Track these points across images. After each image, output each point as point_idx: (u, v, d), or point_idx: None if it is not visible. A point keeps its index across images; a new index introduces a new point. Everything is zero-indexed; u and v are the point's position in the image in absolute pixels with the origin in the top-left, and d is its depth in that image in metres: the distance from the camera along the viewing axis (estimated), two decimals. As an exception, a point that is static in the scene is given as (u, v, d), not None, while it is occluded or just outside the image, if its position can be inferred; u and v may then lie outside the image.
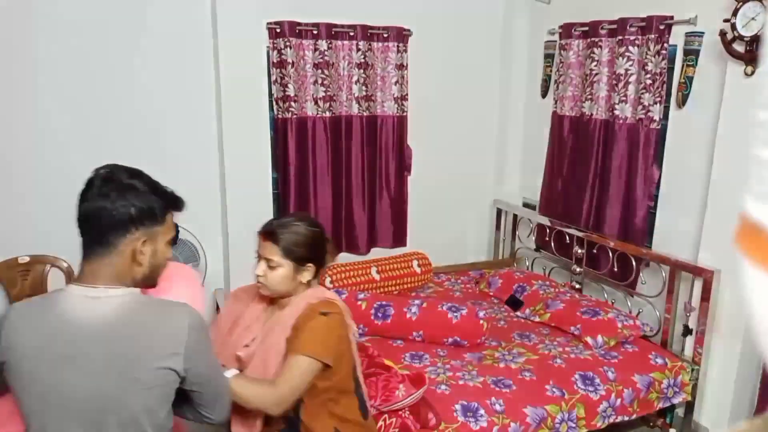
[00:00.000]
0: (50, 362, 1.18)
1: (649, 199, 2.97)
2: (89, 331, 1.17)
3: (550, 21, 3.56)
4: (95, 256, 1.22)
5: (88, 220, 1.21)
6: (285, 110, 3.31)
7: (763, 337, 0.37)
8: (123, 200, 1.22)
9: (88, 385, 1.17)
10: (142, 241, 1.24)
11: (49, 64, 2.94)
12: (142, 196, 1.26)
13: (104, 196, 1.21)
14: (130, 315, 1.20)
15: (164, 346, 1.18)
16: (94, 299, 1.19)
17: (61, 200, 3.06)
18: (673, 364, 2.67)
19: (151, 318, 1.22)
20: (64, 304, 1.20)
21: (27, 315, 1.22)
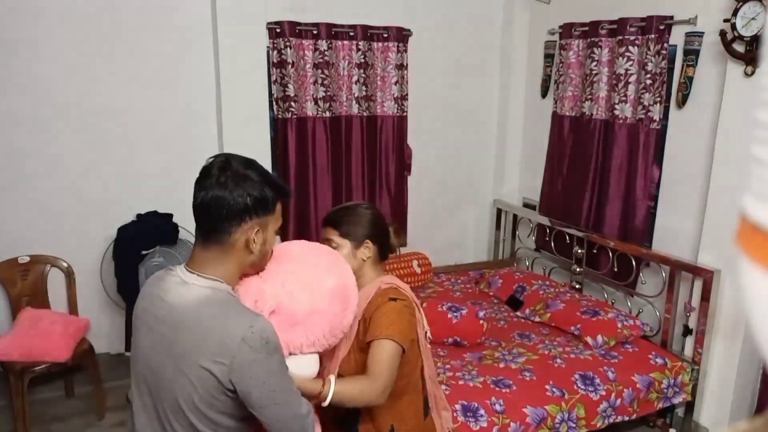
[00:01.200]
0: (142, 331, 1.27)
1: (649, 199, 2.97)
2: (169, 312, 1.22)
3: (550, 21, 3.56)
4: (209, 243, 1.24)
5: (207, 209, 1.23)
6: (285, 110, 3.31)
7: (763, 337, 0.37)
8: (240, 190, 1.22)
9: (154, 362, 1.24)
10: (255, 231, 1.25)
11: (49, 64, 2.94)
12: (257, 186, 1.24)
13: (222, 186, 1.22)
14: (201, 308, 1.20)
15: (213, 349, 1.15)
16: (183, 284, 1.23)
17: (61, 200, 3.08)
18: (673, 364, 2.67)
19: (215, 317, 1.19)
20: (167, 282, 1.26)
21: (150, 283, 1.32)
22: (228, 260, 1.25)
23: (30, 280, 3.03)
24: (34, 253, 3.04)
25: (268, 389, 1.17)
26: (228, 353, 1.14)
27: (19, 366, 2.73)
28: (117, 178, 3.16)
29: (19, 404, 2.72)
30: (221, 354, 1.14)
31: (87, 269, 3.14)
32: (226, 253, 1.24)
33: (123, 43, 3.05)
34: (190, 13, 3.14)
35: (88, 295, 3.16)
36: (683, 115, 2.81)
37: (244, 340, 1.14)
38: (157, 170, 3.24)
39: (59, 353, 2.79)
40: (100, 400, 3.03)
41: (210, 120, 3.27)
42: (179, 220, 3.16)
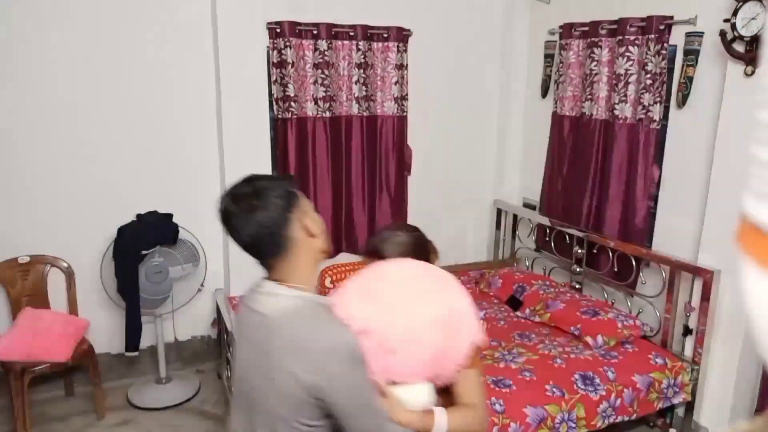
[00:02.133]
0: (241, 343, 1.34)
1: (649, 199, 2.97)
2: (262, 321, 1.25)
3: (550, 21, 3.56)
4: (276, 259, 1.27)
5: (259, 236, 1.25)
6: (285, 110, 3.31)
7: (763, 337, 0.37)
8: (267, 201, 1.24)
9: (250, 371, 1.28)
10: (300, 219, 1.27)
11: (49, 65, 2.94)
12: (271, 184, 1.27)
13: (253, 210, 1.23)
14: (292, 318, 1.22)
15: (304, 359, 1.17)
16: (269, 295, 1.27)
17: (61, 200, 3.08)
18: (673, 364, 2.67)
19: (306, 328, 1.21)
20: (254, 293, 1.32)
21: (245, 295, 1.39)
22: (300, 261, 1.28)
23: (30, 280, 3.04)
24: (34, 253, 3.04)
25: (354, 401, 1.19)
26: (317, 364, 1.16)
27: (19, 366, 2.73)
28: (117, 178, 3.16)
29: (19, 404, 2.72)
30: (311, 364, 1.16)
31: (87, 269, 3.14)
32: (296, 256, 1.27)
33: (123, 43, 3.05)
34: (190, 13, 3.14)
35: (88, 295, 3.16)
36: (683, 115, 2.81)
37: (332, 351, 1.16)
38: (157, 170, 3.24)
39: (59, 353, 2.79)
40: (100, 400, 3.04)
41: (210, 120, 3.27)
42: (179, 220, 3.15)
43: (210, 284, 3.35)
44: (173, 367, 3.43)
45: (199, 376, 3.43)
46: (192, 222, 3.22)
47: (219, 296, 3.33)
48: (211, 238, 3.33)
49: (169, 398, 3.18)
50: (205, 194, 3.35)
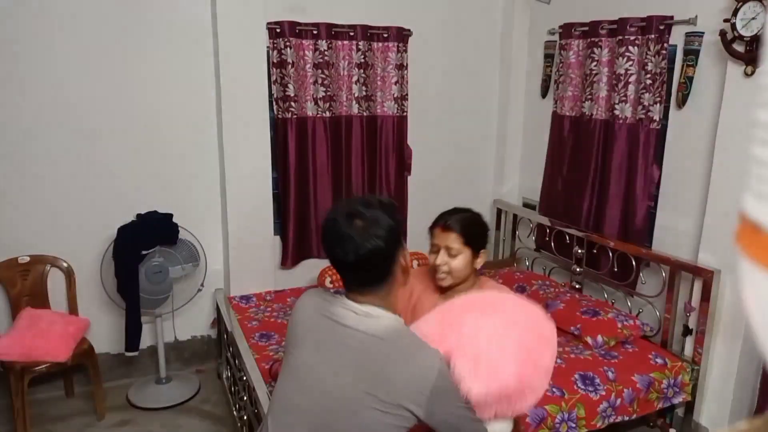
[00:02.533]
0: (312, 348, 1.33)
1: (649, 199, 2.97)
2: (355, 338, 1.28)
3: (550, 21, 3.56)
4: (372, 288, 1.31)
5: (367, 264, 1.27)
6: (285, 110, 3.31)
7: (763, 336, 0.37)
8: (383, 233, 1.26)
9: (333, 382, 1.27)
10: (403, 256, 1.34)
11: (49, 65, 2.94)
12: (388, 219, 1.29)
13: (369, 238, 1.25)
14: (394, 338, 1.27)
15: (413, 380, 1.21)
16: (367, 315, 1.29)
17: (61, 200, 3.08)
18: (673, 364, 2.67)
19: (409, 349, 1.26)
20: (341, 309, 1.32)
21: (314, 304, 1.39)
22: (392, 292, 1.34)
23: (30, 280, 3.04)
24: (34, 253, 3.04)
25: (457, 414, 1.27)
26: (425, 383, 1.21)
27: (19, 366, 2.73)
28: (117, 178, 3.16)
29: (19, 404, 2.72)
30: (421, 385, 1.21)
31: (87, 269, 3.14)
32: (390, 287, 1.33)
33: (123, 43, 3.05)
34: (190, 14, 3.14)
35: (88, 295, 3.17)
36: (683, 115, 2.81)
37: (440, 370, 1.22)
38: (157, 170, 3.24)
39: (59, 353, 2.79)
40: (100, 400, 3.04)
41: (210, 120, 3.27)
42: (179, 220, 3.16)
43: (210, 284, 3.35)
44: (173, 367, 3.43)
45: (199, 376, 3.43)
46: (192, 222, 3.22)
47: (219, 296, 3.33)
48: (211, 238, 3.34)
49: (169, 398, 3.18)
50: (205, 194, 3.35)
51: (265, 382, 2.42)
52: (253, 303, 3.29)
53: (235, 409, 2.86)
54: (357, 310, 1.30)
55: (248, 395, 2.53)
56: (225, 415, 3.08)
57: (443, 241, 1.75)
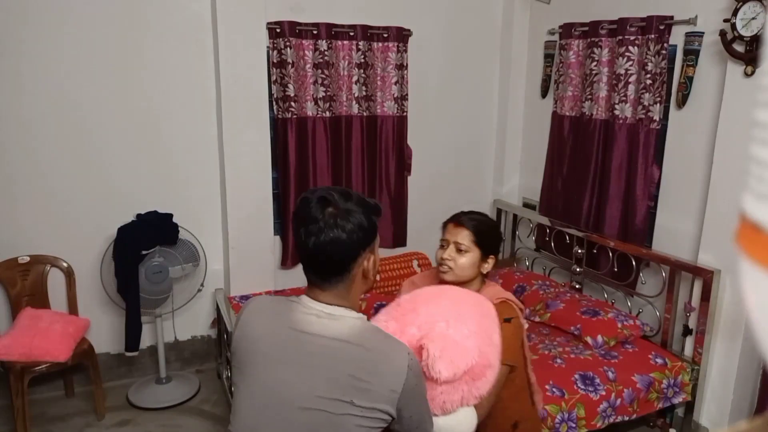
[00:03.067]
0: (276, 363, 1.24)
1: (649, 199, 2.97)
2: (321, 345, 1.21)
3: (550, 21, 3.56)
4: (328, 282, 1.25)
5: (323, 253, 1.21)
6: (285, 110, 3.31)
7: (763, 336, 0.37)
8: (350, 225, 1.21)
9: (307, 395, 1.20)
10: (370, 259, 1.28)
11: (49, 64, 2.94)
12: (363, 217, 1.23)
13: (332, 227, 1.20)
14: (362, 339, 1.22)
15: (386, 380, 1.19)
16: (330, 317, 1.23)
17: (61, 200, 3.08)
18: (673, 364, 2.67)
19: (379, 348, 1.22)
20: (301, 315, 1.25)
21: (263, 312, 1.31)
22: (350, 292, 1.28)
23: (30, 280, 3.04)
24: (34, 253, 3.04)
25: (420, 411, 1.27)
26: (398, 381, 1.18)
27: (19, 366, 2.73)
28: (117, 178, 3.16)
29: (19, 404, 2.72)
30: (393, 384, 1.18)
31: (87, 269, 3.14)
32: (347, 286, 1.27)
33: (122, 43, 3.05)
34: (190, 14, 3.14)
35: (88, 295, 3.17)
36: (683, 115, 2.81)
37: (409, 367, 1.20)
38: (157, 170, 3.24)
39: (59, 353, 2.79)
40: (100, 400, 3.04)
41: (210, 120, 3.27)
42: (179, 220, 3.15)
43: (210, 284, 3.35)
44: (173, 367, 3.43)
45: (199, 376, 3.43)
46: (192, 222, 3.22)
47: (219, 296, 3.33)
48: (211, 238, 3.34)
49: (169, 398, 3.18)
50: (205, 194, 3.35)
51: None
52: (253, 303, 3.28)
53: (235, 409, 2.86)
54: (318, 312, 1.24)
55: (248, 395, 2.52)
56: (225, 415, 3.08)
57: (454, 236, 1.76)
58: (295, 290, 3.47)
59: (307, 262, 1.26)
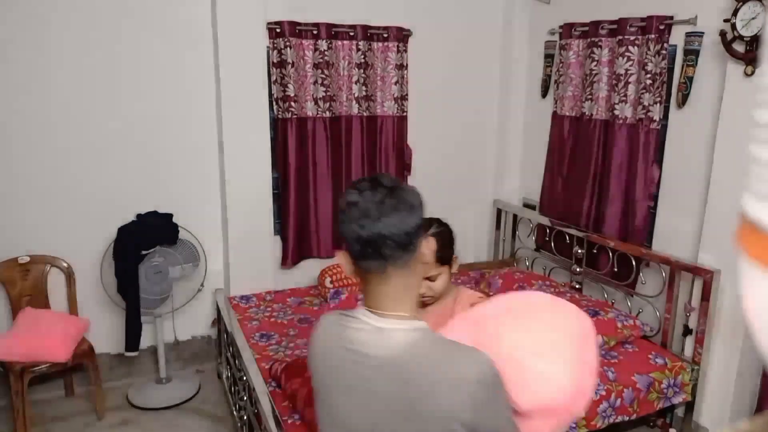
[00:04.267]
0: (337, 388, 1.16)
1: (649, 199, 2.97)
2: (375, 364, 1.10)
3: (550, 21, 3.56)
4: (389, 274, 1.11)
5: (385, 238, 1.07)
6: (285, 110, 3.31)
7: (763, 336, 0.37)
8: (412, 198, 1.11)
9: (367, 421, 1.11)
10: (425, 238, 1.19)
11: (49, 65, 2.94)
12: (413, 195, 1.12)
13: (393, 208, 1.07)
14: (419, 354, 1.09)
15: (450, 396, 1.04)
16: (384, 331, 1.11)
17: (61, 200, 3.08)
18: (673, 364, 2.67)
19: (441, 362, 1.08)
20: (355, 333, 1.14)
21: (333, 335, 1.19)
22: (409, 286, 1.14)
23: (30, 280, 3.04)
24: (34, 253, 3.04)
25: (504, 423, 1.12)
26: (465, 399, 1.04)
27: (19, 366, 2.73)
28: (117, 178, 3.16)
29: (19, 404, 2.73)
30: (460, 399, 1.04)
31: (87, 269, 3.14)
32: (407, 278, 1.13)
33: (122, 43, 3.05)
34: (190, 13, 3.14)
35: (88, 295, 3.17)
36: (683, 115, 2.81)
37: (478, 380, 1.05)
38: (157, 170, 3.24)
39: (59, 353, 2.79)
40: (100, 400, 3.04)
41: (210, 120, 3.27)
42: (179, 220, 3.16)
43: (210, 284, 3.35)
44: (173, 367, 3.43)
45: (199, 376, 3.43)
46: (192, 222, 3.22)
47: (219, 296, 3.33)
48: (211, 238, 3.34)
49: (169, 398, 3.18)
50: (205, 194, 3.35)
51: (265, 382, 2.41)
52: (253, 303, 3.29)
53: (235, 409, 2.86)
54: (372, 327, 1.12)
55: (248, 395, 2.53)
56: (225, 415, 3.08)
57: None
58: (295, 290, 3.47)
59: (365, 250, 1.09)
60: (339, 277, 3.35)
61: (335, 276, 3.36)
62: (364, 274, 1.13)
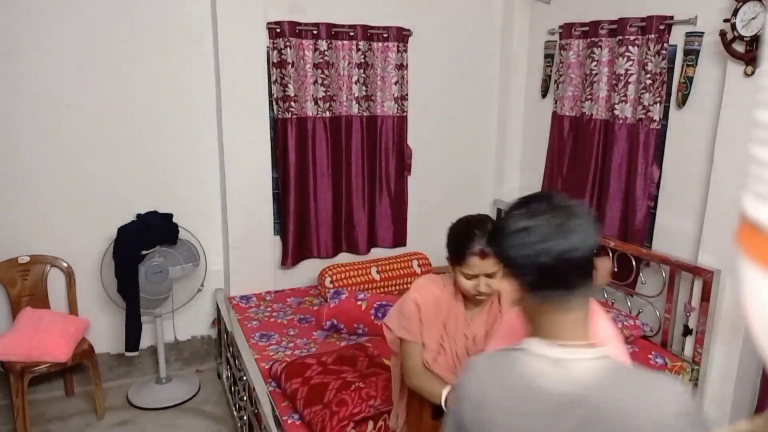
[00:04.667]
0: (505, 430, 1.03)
1: (649, 199, 2.97)
2: (558, 401, 0.97)
3: (550, 21, 3.56)
4: (575, 299, 1.00)
5: (560, 266, 0.97)
6: (285, 110, 3.31)
7: (763, 336, 0.37)
8: (587, 213, 1.01)
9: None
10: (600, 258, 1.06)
11: (50, 64, 2.94)
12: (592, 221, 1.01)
13: (581, 227, 0.98)
14: (607, 387, 0.96)
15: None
16: (558, 362, 0.99)
17: (61, 200, 3.08)
18: (673, 364, 2.67)
19: (632, 394, 0.95)
20: (526, 365, 1.01)
21: (488, 372, 1.07)
22: (588, 310, 1.03)
23: (30, 280, 3.04)
24: (34, 253, 3.04)
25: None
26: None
27: (19, 366, 2.73)
28: (117, 178, 3.16)
29: (19, 404, 2.73)
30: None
31: (87, 269, 3.14)
32: (587, 300, 1.02)
33: (122, 43, 3.05)
34: (190, 13, 3.14)
35: (88, 295, 3.17)
36: (683, 115, 2.81)
37: (682, 413, 0.92)
38: (157, 170, 3.24)
39: (59, 353, 2.79)
40: (100, 400, 3.04)
41: (210, 120, 3.27)
42: (179, 220, 3.16)
43: (210, 284, 3.36)
44: (173, 367, 3.43)
45: (199, 376, 3.43)
46: (192, 222, 3.22)
47: (219, 296, 3.33)
48: (211, 238, 3.34)
49: (169, 398, 3.18)
50: (205, 194, 3.35)
51: (265, 382, 2.42)
52: (253, 303, 3.29)
53: (235, 409, 2.86)
54: (550, 359, 0.99)
55: (248, 395, 2.53)
56: (225, 415, 3.08)
57: (483, 269, 1.63)
58: (295, 290, 3.47)
59: (545, 277, 0.99)
60: (339, 277, 3.36)
61: (335, 276, 3.36)
62: (538, 304, 1.01)
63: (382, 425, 2.08)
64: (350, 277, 3.38)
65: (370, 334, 2.90)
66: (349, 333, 2.95)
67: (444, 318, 1.75)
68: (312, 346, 2.83)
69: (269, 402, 2.26)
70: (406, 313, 1.75)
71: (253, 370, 2.48)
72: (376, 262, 3.53)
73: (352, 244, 3.67)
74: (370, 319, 2.90)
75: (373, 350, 2.50)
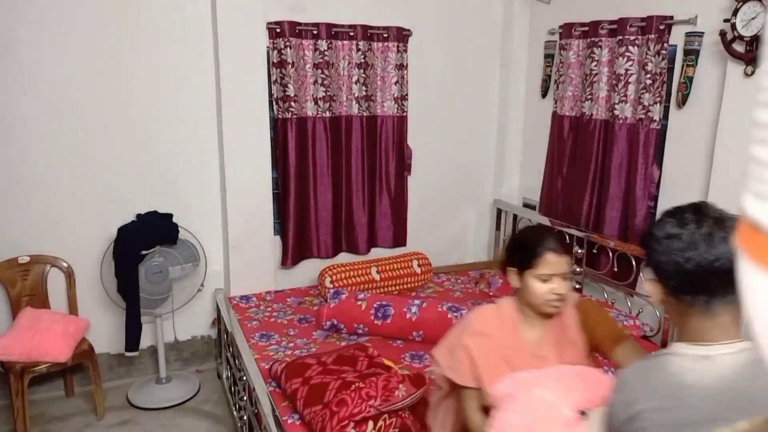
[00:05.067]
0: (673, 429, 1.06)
1: (649, 199, 2.97)
2: (706, 394, 1.02)
3: (550, 21, 3.56)
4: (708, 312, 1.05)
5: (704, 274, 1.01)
6: (285, 110, 3.31)
7: (763, 336, 0.37)
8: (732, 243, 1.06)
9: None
10: None
11: (48, 65, 2.94)
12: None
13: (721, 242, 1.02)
14: (749, 374, 1.01)
15: None
16: (704, 358, 1.04)
17: (61, 200, 3.08)
18: (673, 364, 2.66)
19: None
20: (672, 366, 1.07)
21: (642, 375, 1.12)
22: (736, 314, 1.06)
23: (30, 280, 3.04)
24: (34, 253, 3.04)
25: None
26: None
27: (19, 366, 2.73)
28: (117, 178, 3.16)
29: (19, 404, 2.73)
30: None
31: (87, 269, 3.14)
32: (733, 306, 1.05)
33: (122, 43, 3.05)
34: (190, 13, 3.14)
35: (88, 295, 3.17)
36: (683, 115, 2.81)
37: None
38: (157, 170, 3.24)
39: (59, 353, 2.79)
40: (100, 400, 3.04)
41: (210, 120, 3.27)
42: (179, 220, 3.16)
43: (210, 284, 3.36)
44: (173, 367, 3.43)
45: (199, 376, 3.43)
46: (192, 222, 3.22)
47: (219, 296, 3.33)
48: (211, 238, 3.34)
49: (169, 398, 3.18)
50: (205, 194, 3.35)
51: (264, 382, 2.42)
52: (253, 303, 3.29)
53: (235, 409, 2.86)
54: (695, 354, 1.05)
55: (248, 395, 2.53)
56: (225, 415, 3.08)
57: (560, 268, 1.60)
58: (295, 290, 3.47)
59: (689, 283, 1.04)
60: (339, 277, 3.35)
61: (335, 276, 3.36)
62: (683, 308, 1.06)
63: (382, 425, 2.08)
64: (350, 277, 3.38)
65: (370, 334, 2.90)
66: (349, 333, 2.95)
67: (504, 355, 1.65)
68: (312, 346, 2.83)
69: (269, 402, 2.26)
70: (458, 357, 1.65)
71: (253, 370, 2.48)
72: (376, 262, 3.53)
73: (352, 244, 3.67)
74: (370, 319, 2.90)
75: (373, 350, 2.50)
